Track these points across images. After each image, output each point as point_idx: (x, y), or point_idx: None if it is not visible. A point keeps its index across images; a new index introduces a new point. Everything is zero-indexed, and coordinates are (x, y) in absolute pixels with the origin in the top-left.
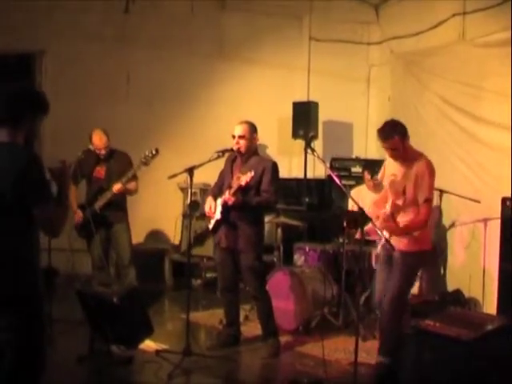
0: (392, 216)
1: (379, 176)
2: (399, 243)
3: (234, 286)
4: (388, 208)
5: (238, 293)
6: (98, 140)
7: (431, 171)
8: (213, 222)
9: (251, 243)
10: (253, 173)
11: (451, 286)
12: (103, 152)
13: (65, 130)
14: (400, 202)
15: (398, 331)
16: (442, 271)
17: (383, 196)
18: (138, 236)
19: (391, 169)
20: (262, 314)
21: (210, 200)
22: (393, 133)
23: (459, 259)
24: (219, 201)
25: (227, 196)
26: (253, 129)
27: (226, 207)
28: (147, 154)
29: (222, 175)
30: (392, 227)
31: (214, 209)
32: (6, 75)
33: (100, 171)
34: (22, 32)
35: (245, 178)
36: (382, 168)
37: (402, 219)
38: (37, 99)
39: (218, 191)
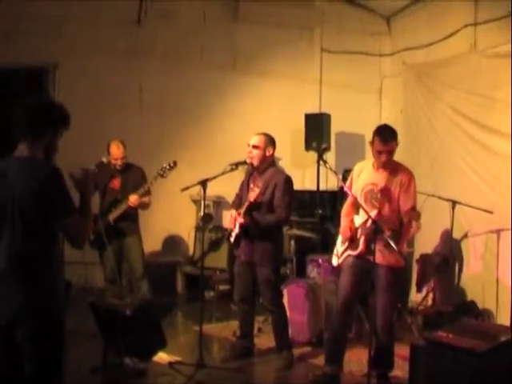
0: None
1: (347, 185)
2: (388, 258)
3: (250, 298)
4: (373, 214)
5: (254, 305)
6: (116, 149)
7: (414, 180)
8: (233, 235)
9: (268, 257)
10: (259, 189)
11: (465, 297)
12: (119, 162)
13: (78, 143)
14: (385, 211)
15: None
16: (456, 282)
17: (351, 205)
18: (151, 248)
19: (368, 178)
20: (277, 326)
21: (231, 212)
22: (394, 136)
23: (473, 270)
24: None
25: (239, 218)
26: (269, 142)
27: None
28: (165, 166)
29: (242, 187)
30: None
31: (234, 218)
32: (18, 89)
33: (115, 183)
34: (35, 46)
35: (252, 196)
36: (349, 179)
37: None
38: (57, 113)
39: (239, 203)
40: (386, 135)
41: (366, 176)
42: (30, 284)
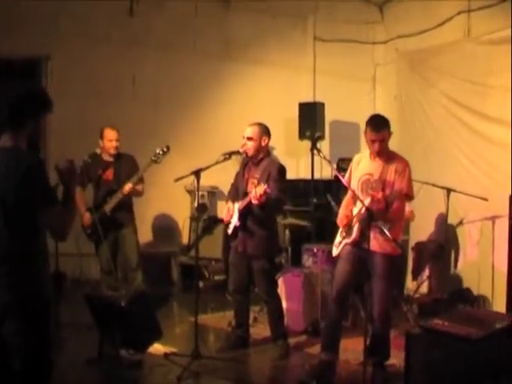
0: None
1: (346, 178)
2: (383, 246)
3: (245, 289)
4: (366, 202)
5: (249, 295)
6: (111, 132)
7: (410, 168)
8: (231, 227)
9: (263, 248)
10: (264, 186)
11: (461, 284)
12: (114, 145)
13: (71, 133)
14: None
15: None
16: (452, 269)
17: (350, 197)
18: (145, 239)
19: (365, 168)
20: (272, 316)
21: (228, 205)
22: (385, 124)
23: (468, 257)
24: (236, 206)
25: (253, 194)
26: (263, 131)
27: (242, 213)
28: (158, 151)
29: (237, 178)
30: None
31: (231, 212)
32: (12, 79)
33: (108, 174)
34: (28, 36)
35: (259, 191)
36: (349, 170)
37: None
38: (38, 100)
39: (235, 194)
40: (377, 124)
41: (363, 166)
42: (16, 278)
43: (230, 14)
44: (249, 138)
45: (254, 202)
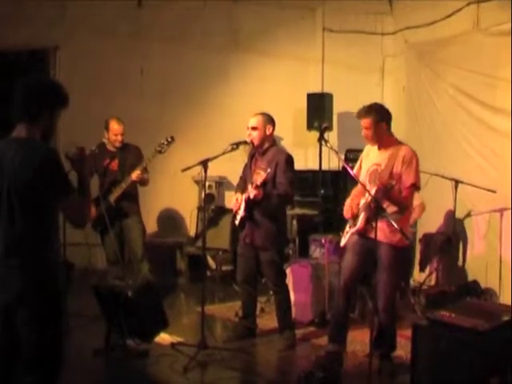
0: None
1: (355, 169)
2: (390, 237)
3: (253, 279)
4: (373, 191)
5: (256, 285)
6: (117, 125)
7: (417, 158)
8: (238, 217)
9: (272, 239)
10: (266, 173)
11: (468, 277)
12: (120, 138)
13: (79, 125)
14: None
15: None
16: (460, 262)
17: (361, 187)
18: (152, 229)
19: (374, 159)
20: (280, 307)
21: (237, 196)
22: (369, 112)
23: (476, 250)
24: (243, 197)
25: (250, 190)
26: (267, 120)
27: (249, 204)
28: (162, 141)
29: (245, 169)
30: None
31: (240, 201)
32: (20, 71)
33: (113, 164)
34: (36, 28)
35: (259, 179)
36: (359, 161)
37: (390, 209)
38: (55, 93)
39: (243, 186)
40: (359, 111)
41: (371, 157)
42: (30, 267)
43: (237, 6)
44: (253, 128)
45: (251, 194)
